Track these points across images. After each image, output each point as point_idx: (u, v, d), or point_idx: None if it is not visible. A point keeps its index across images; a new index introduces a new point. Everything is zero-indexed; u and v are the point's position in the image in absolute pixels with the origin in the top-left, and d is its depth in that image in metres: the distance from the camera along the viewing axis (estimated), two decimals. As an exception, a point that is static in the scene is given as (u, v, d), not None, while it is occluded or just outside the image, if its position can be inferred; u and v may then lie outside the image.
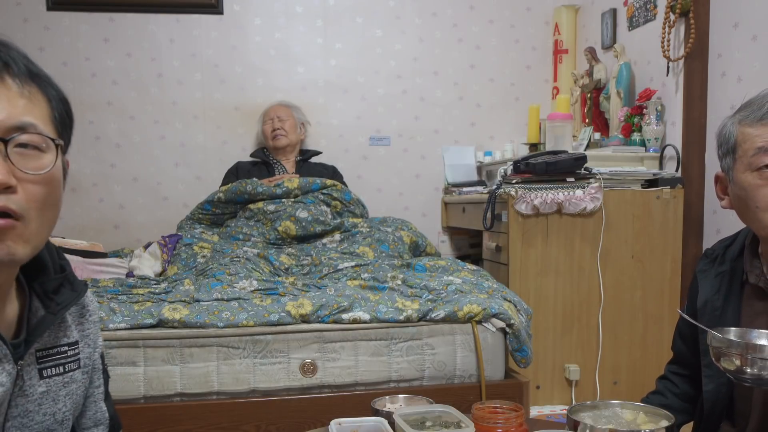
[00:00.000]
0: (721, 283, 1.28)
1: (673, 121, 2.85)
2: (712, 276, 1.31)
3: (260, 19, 3.61)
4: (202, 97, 3.59)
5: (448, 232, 3.78)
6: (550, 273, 2.66)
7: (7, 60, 0.80)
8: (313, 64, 3.65)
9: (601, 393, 2.65)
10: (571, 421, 1.11)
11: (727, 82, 2.64)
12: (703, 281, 1.32)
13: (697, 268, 1.38)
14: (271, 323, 2.03)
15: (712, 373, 1.25)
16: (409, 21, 3.70)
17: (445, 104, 3.76)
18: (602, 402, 1.21)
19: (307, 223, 2.82)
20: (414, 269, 2.59)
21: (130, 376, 1.94)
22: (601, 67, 3.27)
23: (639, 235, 2.69)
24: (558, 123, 3.05)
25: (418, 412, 1.16)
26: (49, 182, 0.82)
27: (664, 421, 1.10)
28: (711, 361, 1.13)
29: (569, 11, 3.71)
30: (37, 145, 0.81)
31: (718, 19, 2.70)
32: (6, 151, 0.77)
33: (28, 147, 0.80)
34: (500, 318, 2.12)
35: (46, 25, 3.45)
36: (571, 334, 2.69)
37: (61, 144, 0.85)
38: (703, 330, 1.14)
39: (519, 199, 2.60)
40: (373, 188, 3.72)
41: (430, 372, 2.10)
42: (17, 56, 0.81)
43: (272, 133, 3.35)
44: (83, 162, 3.50)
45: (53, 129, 0.84)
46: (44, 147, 0.81)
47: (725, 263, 1.30)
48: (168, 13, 3.53)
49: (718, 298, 1.28)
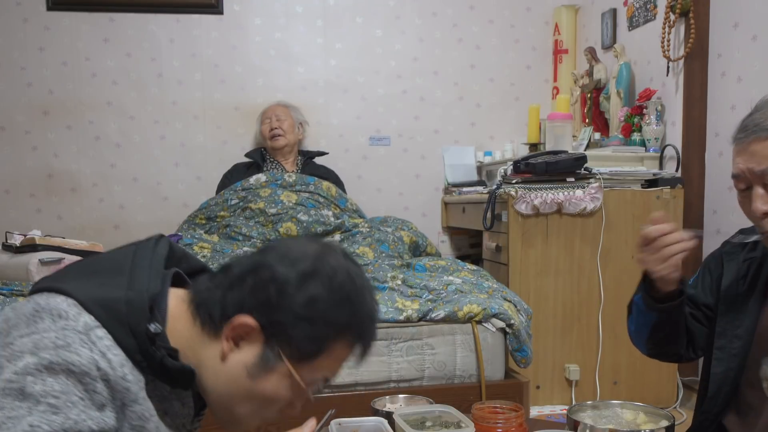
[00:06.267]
0: (749, 269, 1.26)
1: (673, 121, 2.85)
2: (740, 260, 1.29)
3: (260, 19, 3.61)
4: (202, 97, 3.59)
5: (448, 232, 3.77)
6: (550, 273, 2.66)
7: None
8: (313, 64, 3.65)
9: (601, 393, 2.65)
10: (571, 421, 1.11)
11: (727, 82, 2.64)
12: (730, 263, 1.30)
13: (723, 249, 1.35)
14: (271, 323, 2.03)
15: (723, 356, 1.24)
16: (409, 21, 3.70)
17: (445, 104, 3.75)
18: (602, 402, 1.22)
19: (308, 224, 2.82)
20: (414, 269, 2.59)
21: (130, 376, 1.94)
22: (601, 67, 3.27)
23: (639, 235, 2.69)
24: (558, 123, 3.05)
25: (418, 412, 1.16)
26: None
27: (664, 421, 1.10)
28: (724, 345, 1.12)
29: (569, 11, 3.71)
30: None
31: (718, 19, 2.70)
32: None
33: None
34: (500, 318, 2.12)
35: (46, 25, 3.45)
36: (571, 334, 2.69)
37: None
38: (726, 312, 1.15)
39: (519, 199, 2.60)
40: (373, 188, 3.72)
41: (430, 372, 2.10)
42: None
43: (270, 133, 3.35)
44: (83, 162, 3.50)
45: None
46: None
47: (757, 250, 1.27)
48: (168, 13, 3.53)
49: (742, 284, 1.26)
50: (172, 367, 0.86)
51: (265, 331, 0.86)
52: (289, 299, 0.85)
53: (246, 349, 0.87)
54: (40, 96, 3.46)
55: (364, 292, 0.90)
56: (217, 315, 0.87)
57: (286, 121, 3.37)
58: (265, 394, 0.88)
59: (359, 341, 0.90)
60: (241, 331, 0.86)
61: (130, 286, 0.87)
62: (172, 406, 0.92)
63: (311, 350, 0.87)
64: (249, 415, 0.91)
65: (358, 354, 0.92)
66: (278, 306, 0.85)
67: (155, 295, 0.88)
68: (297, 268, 0.86)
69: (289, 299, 0.85)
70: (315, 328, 0.85)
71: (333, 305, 0.86)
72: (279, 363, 0.87)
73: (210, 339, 0.88)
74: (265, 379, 0.87)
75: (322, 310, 0.86)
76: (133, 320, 0.84)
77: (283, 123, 3.36)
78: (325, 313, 0.86)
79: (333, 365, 0.91)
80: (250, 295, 0.86)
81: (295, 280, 0.86)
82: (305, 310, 0.85)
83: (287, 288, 0.85)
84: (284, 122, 3.37)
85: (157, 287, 0.88)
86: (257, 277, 0.87)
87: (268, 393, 0.88)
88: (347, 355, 0.91)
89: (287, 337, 0.86)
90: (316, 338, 0.86)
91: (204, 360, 0.89)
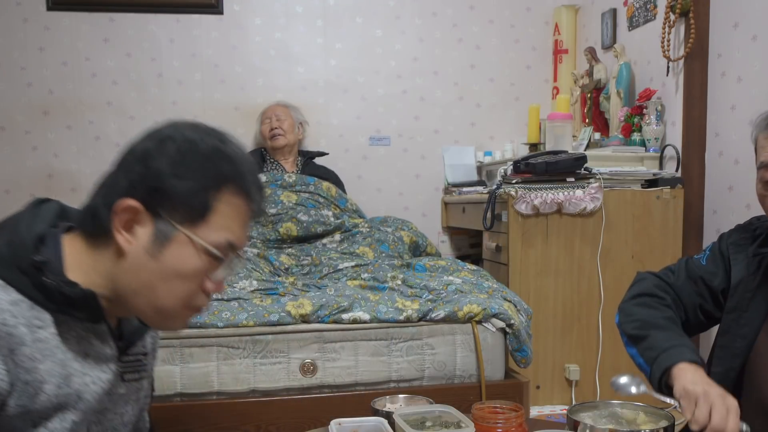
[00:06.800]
0: (760, 264, 1.22)
1: (673, 121, 2.85)
2: (750, 254, 1.24)
3: (260, 19, 3.61)
4: (202, 97, 3.59)
5: (448, 232, 3.77)
6: (550, 273, 2.66)
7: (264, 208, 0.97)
8: (313, 64, 3.65)
9: (601, 393, 2.65)
10: (571, 421, 1.11)
11: (727, 82, 2.64)
12: (738, 255, 1.25)
13: (729, 239, 1.31)
14: (271, 323, 2.03)
15: (723, 354, 1.23)
16: (409, 21, 3.70)
17: (445, 104, 3.75)
18: (602, 402, 1.21)
19: (308, 224, 2.82)
20: (414, 269, 2.59)
21: (130, 376, 1.94)
22: (601, 67, 3.27)
23: (639, 235, 2.69)
24: (558, 123, 3.05)
25: (418, 412, 1.16)
26: None
27: (664, 421, 1.10)
28: (727, 344, 1.11)
29: (569, 11, 3.71)
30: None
31: (718, 19, 2.70)
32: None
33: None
34: (500, 318, 2.12)
35: (46, 25, 3.45)
36: (571, 334, 2.69)
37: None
38: (733, 309, 1.12)
39: (519, 199, 2.60)
40: (373, 188, 3.72)
41: (430, 372, 2.10)
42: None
43: (270, 132, 3.35)
44: (83, 162, 3.50)
45: None
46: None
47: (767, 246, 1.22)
48: (168, 13, 3.53)
49: (753, 280, 1.22)
50: (72, 294, 0.85)
51: (147, 205, 0.87)
52: (155, 164, 0.87)
53: (140, 233, 0.87)
54: (40, 96, 3.46)
55: (227, 145, 0.91)
56: (104, 217, 0.88)
57: (286, 121, 3.37)
58: (176, 269, 0.88)
59: (244, 194, 0.91)
60: (127, 216, 0.87)
61: (12, 232, 0.88)
62: (92, 346, 0.90)
63: (197, 206, 0.87)
64: (172, 300, 0.89)
65: (252, 210, 0.93)
66: (147, 175, 0.87)
67: (40, 234, 0.89)
68: (154, 137, 0.90)
69: (155, 164, 0.87)
70: (190, 183, 0.87)
71: (200, 157, 0.88)
72: (174, 231, 0.87)
73: (109, 246, 0.89)
74: (167, 253, 0.87)
75: (190, 163, 0.87)
76: (18, 258, 0.85)
77: (283, 123, 3.36)
78: (193, 165, 0.87)
79: (230, 224, 0.90)
80: (123, 181, 0.89)
81: (155, 146, 0.88)
82: (173, 168, 0.87)
83: (149, 156, 0.88)
84: (284, 122, 3.37)
85: (41, 228, 0.90)
86: (122, 165, 0.91)
87: (177, 266, 0.88)
88: (241, 212, 0.91)
89: (169, 201, 0.87)
90: (195, 192, 0.87)
91: (112, 270, 0.89)
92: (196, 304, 0.92)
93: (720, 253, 1.31)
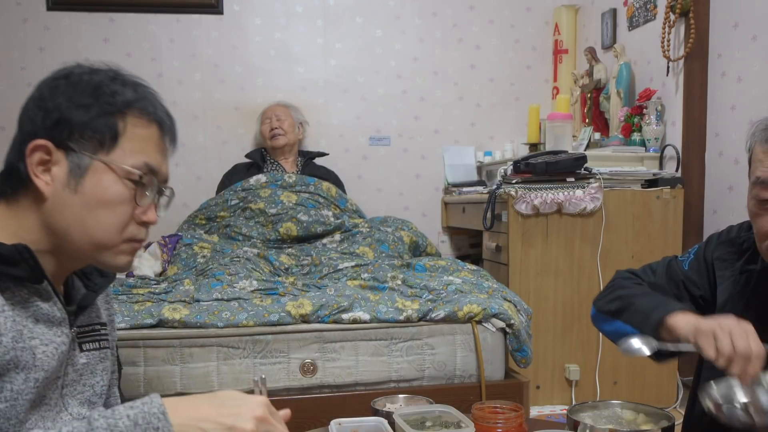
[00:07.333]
0: (748, 281, 1.16)
1: (673, 121, 2.85)
2: (737, 271, 1.18)
3: (260, 19, 3.61)
4: (202, 97, 3.59)
5: (448, 232, 3.78)
6: (550, 273, 2.66)
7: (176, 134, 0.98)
8: (313, 64, 3.65)
9: (601, 393, 2.65)
10: (571, 421, 1.11)
11: (727, 82, 2.64)
12: (725, 271, 1.19)
13: (716, 252, 1.24)
14: (271, 323, 2.03)
15: (712, 376, 1.23)
16: (409, 21, 3.70)
17: (445, 104, 3.75)
18: (602, 402, 1.21)
19: (308, 224, 2.82)
20: (414, 269, 2.59)
21: (130, 376, 1.94)
22: (601, 67, 3.27)
23: (639, 235, 2.69)
24: (558, 123, 3.05)
25: (418, 412, 1.16)
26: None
27: (664, 421, 1.10)
28: (714, 365, 1.09)
29: (569, 11, 3.71)
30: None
31: (718, 19, 2.70)
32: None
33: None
34: (500, 318, 2.12)
35: (46, 25, 3.45)
36: (571, 334, 2.69)
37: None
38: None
39: (519, 199, 2.60)
40: (373, 188, 3.72)
41: (430, 372, 2.10)
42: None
43: (270, 132, 3.35)
44: (83, 162, 3.50)
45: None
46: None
47: (757, 262, 1.15)
48: (168, 13, 3.53)
49: (741, 299, 1.16)
50: (4, 250, 0.84)
51: (56, 142, 0.87)
52: (53, 99, 0.88)
53: (57, 172, 0.87)
54: (40, 96, 3.45)
55: (122, 74, 0.93)
56: (20, 169, 0.87)
57: (286, 121, 3.37)
58: (98, 197, 0.88)
59: (150, 114, 0.92)
60: (39, 156, 0.87)
61: None
62: (40, 309, 0.88)
63: (105, 131, 0.88)
64: (104, 230, 0.89)
65: (163, 132, 0.95)
66: (48, 113, 0.87)
67: None
68: (45, 83, 0.91)
69: (53, 98, 0.88)
70: (91, 109, 0.87)
71: (95, 85, 0.89)
72: (88, 161, 0.87)
73: (29, 198, 0.89)
74: (87, 183, 0.87)
75: (87, 92, 0.88)
76: None
77: (284, 123, 3.36)
78: (91, 93, 0.88)
79: (144, 147, 0.91)
80: (28, 126, 0.89)
81: (48, 90, 0.89)
82: (71, 99, 0.87)
83: (45, 98, 0.88)
84: (284, 122, 3.37)
85: None
86: (24, 112, 0.91)
87: (99, 194, 0.88)
88: (152, 134, 0.93)
89: (76, 132, 0.87)
90: (99, 117, 0.87)
91: (40, 219, 0.88)
92: (133, 235, 0.92)
93: (704, 262, 1.27)
